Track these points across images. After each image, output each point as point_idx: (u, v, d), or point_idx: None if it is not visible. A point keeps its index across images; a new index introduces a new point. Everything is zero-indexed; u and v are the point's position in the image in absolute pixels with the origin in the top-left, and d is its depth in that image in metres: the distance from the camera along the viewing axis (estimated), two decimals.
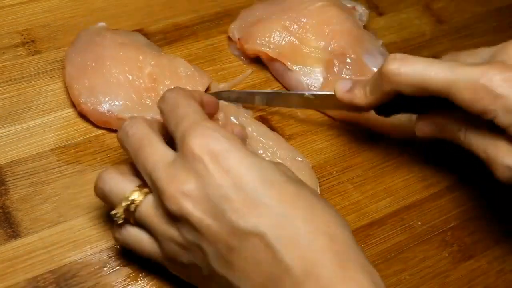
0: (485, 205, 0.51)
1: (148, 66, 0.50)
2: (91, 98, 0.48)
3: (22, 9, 0.57)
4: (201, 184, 0.34)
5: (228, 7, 0.61)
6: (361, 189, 0.50)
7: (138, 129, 0.39)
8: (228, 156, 0.35)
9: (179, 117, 0.38)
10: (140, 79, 0.50)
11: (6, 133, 0.48)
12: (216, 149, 0.35)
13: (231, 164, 0.35)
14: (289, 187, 0.35)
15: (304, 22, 0.55)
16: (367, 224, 0.48)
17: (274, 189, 0.35)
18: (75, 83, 0.49)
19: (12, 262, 0.42)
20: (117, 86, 0.49)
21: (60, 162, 0.47)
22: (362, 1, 0.64)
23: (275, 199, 0.34)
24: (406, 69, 0.41)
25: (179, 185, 0.35)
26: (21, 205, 0.44)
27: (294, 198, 0.35)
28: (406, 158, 0.53)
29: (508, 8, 0.68)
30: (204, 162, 0.34)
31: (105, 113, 0.48)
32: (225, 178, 0.34)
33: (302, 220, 0.34)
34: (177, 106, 0.39)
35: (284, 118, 0.54)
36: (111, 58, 0.50)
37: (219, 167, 0.34)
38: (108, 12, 0.58)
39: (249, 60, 0.57)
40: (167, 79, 0.51)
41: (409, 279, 0.46)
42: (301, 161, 0.48)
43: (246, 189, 0.34)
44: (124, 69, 0.50)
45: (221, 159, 0.35)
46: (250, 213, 0.34)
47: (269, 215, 0.34)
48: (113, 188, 0.39)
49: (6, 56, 0.53)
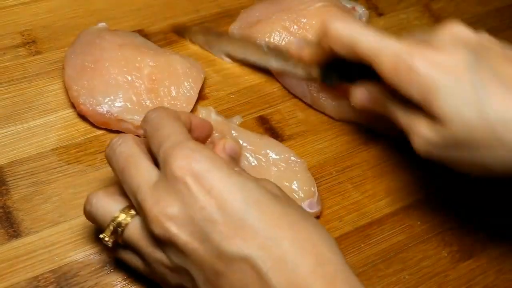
0: (484, 205, 0.51)
1: (147, 66, 0.51)
2: (90, 99, 0.49)
3: (23, 9, 0.57)
4: (185, 206, 0.34)
5: (228, 8, 0.61)
6: (360, 189, 0.50)
7: (125, 147, 0.38)
8: (211, 177, 0.34)
9: (162, 138, 0.37)
10: (139, 80, 0.50)
11: (7, 133, 0.48)
12: (198, 170, 0.34)
13: (213, 185, 0.34)
14: (274, 207, 0.34)
15: (304, 23, 0.55)
16: (367, 224, 0.48)
17: (259, 209, 0.34)
18: (74, 84, 0.49)
19: (13, 262, 0.42)
20: (116, 87, 0.49)
21: (61, 162, 0.47)
22: (362, 2, 0.64)
23: (260, 220, 0.33)
24: (342, 29, 0.41)
25: (163, 208, 0.34)
26: (22, 205, 0.45)
27: (279, 218, 0.34)
28: (405, 158, 0.53)
29: (507, 9, 0.68)
30: (187, 184, 0.34)
31: (104, 114, 0.48)
32: (208, 199, 0.34)
33: (288, 241, 0.33)
34: (159, 127, 0.38)
35: (284, 118, 0.54)
36: (110, 59, 0.50)
37: (202, 188, 0.34)
38: (108, 12, 0.58)
39: None
40: (166, 79, 0.51)
41: (409, 279, 0.46)
42: (297, 161, 0.48)
43: (230, 210, 0.33)
44: (123, 70, 0.50)
45: (203, 180, 0.34)
46: (235, 236, 0.33)
47: (254, 238, 0.33)
48: (100, 211, 0.38)
49: (7, 57, 0.53)
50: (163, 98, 0.50)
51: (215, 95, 0.54)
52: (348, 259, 0.46)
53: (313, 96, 0.54)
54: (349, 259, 0.46)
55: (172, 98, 0.50)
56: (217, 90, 0.55)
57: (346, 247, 0.47)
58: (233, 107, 0.54)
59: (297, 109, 0.54)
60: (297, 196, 0.47)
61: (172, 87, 0.51)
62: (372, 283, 0.45)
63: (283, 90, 0.56)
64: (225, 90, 0.55)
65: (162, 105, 0.50)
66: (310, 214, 0.43)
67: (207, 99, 0.54)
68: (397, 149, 0.53)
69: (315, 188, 0.47)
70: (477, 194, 0.51)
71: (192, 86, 0.51)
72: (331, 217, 0.48)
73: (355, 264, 0.46)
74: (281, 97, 0.55)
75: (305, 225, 0.35)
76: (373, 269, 0.46)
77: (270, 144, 0.49)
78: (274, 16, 0.56)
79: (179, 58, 0.52)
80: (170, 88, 0.50)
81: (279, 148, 0.49)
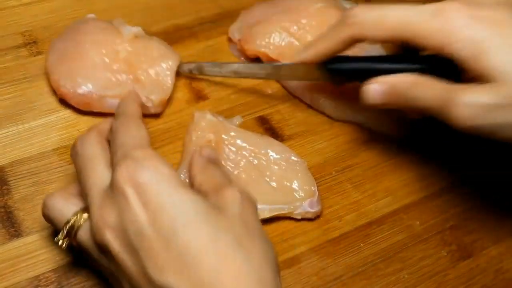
0: (483, 205, 0.51)
1: (124, 51, 0.51)
2: (70, 82, 0.49)
3: (24, 10, 0.57)
4: (121, 217, 0.33)
5: (229, 8, 0.61)
6: (360, 188, 0.50)
7: (87, 148, 0.38)
8: (150, 189, 0.33)
9: (119, 143, 0.37)
10: (116, 63, 0.50)
11: (8, 133, 0.49)
12: (140, 181, 0.33)
13: (151, 199, 0.33)
14: (207, 229, 0.32)
15: (304, 23, 0.56)
16: (366, 224, 0.48)
17: (189, 231, 0.32)
18: (55, 69, 0.50)
19: (14, 261, 0.42)
20: (95, 68, 0.49)
21: (62, 162, 0.48)
22: (361, 2, 0.64)
23: (185, 242, 0.32)
24: (368, 11, 0.42)
25: (103, 214, 0.34)
26: (23, 205, 0.45)
27: (208, 243, 0.32)
28: (405, 158, 0.53)
29: None
30: (126, 194, 0.33)
31: (85, 94, 0.48)
32: (143, 212, 0.33)
33: (207, 269, 0.31)
34: (121, 129, 0.38)
35: (284, 118, 0.54)
36: (91, 41, 0.51)
37: (140, 200, 0.33)
38: (108, 13, 0.58)
39: (249, 61, 0.57)
40: (143, 63, 0.51)
41: (408, 278, 0.46)
42: (297, 161, 0.48)
43: (160, 227, 0.32)
44: (101, 51, 0.50)
45: (144, 192, 0.33)
46: (158, 256, 0.32)
47: (176, 261, 0.31)
48: (57, 213, 0.38)
49: (8, 57, 0.53)
50: (143, 80, 0.50)
51: (215, 95, 0.54)
52: (348, 258, 0.46)
53: (312, 96, 0.54)
54: (348, 259, 0.46)
55: (152, 80, 0.51)
56: (217, 90, 0.55)
57: (345, 246, 0.47)
58: (233, 107, 0.54)
59: (297, 109, 0.55)
60: (297, 195, 0.47)
61: (150, 70, 0.51)
62: (371, 282, 0.45)
63: (283, 90, 0.56)
64: (225, 90, 0.55)
65: (141, 85, 0.50)
66: (254, 240, 0.34)
67: (207, 99, 0.54)
68: (397, 149, 0.53)
69: (315, 187, 0.47)
70: (476, 194, 0.51)
71: (169, 67, 0.52)
72: (331, 217, 0.48)
73: (354, 263, 0.46)
74: (281, 97, 0.55)
75: (233, 255, 0.32)
76: (373, 268, 0.46)
77: (270, 143, 0.49)
78: (274, 17, 0.57)
79: (155, 43, 0.53)
80: (148, 71, 0.51)
81: (280, 147, 0.49)
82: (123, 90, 0.49)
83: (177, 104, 0.53)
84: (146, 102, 0.50)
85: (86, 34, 0.51)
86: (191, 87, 0.55)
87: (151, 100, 0.50)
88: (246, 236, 0.33)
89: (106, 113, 0.50)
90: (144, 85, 0.50)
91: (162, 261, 0.32)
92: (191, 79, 0.55)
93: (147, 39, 0.53)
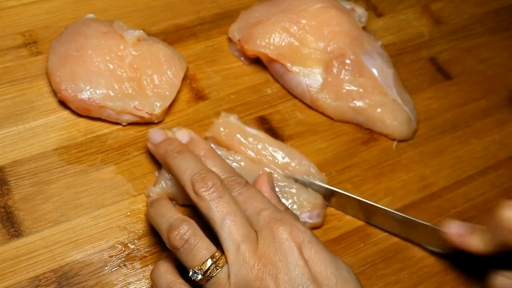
0: (482, 205, 0.51)
1: (129, 55, 0.51)
2: (72, 86, 0.49)
3: (24, 10, 0.57)
4: (286, 268, 0.36)
5: (228, 8, 0.62)
6: (360, 188, 0.50)
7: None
8: (309, 247, 0.37)
9: (257, 209, 0.39)
10: (121, 69, 0.50)
11: (8, 134, 0.48)
12: (300, 239, 0.37)
13: (311, 256, 0.37)
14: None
15: (304, 24, 0.56)
16: (366, 224, 0.48)
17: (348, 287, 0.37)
18: (56, 70, 0.50)
19: (14, 261, 0.42)
20: (98, 74, 0.49)
21: (62, 162, 0.48)
22: (361, 3, 0.64)
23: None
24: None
25: (266, 263, 0.36)
26: (23, 205, 0.45)
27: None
28: (404, 158, 0.53)
29: (505, 10, 0.68)
30: (291, 249, 0.36)
31: (85, 100, 0.49)
32: (306, 267, 0.36)
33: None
34: (253, 197, 0.40)
35: (284, 118, 0.54)
36: (93, 47, 0.51)
37: (301, 256, 0.36)
38: (109, 13, 0.59)
39: (249, 61, 0.57)
40: (149, 68, 0.51)
41: (408, 278, 0.46)
42: (308, 164, 0.49)
43: (322, 283, 0.36)
44: (105, 58, 0.50)
45: (303, 249, 0.37)
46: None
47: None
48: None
49: (9, 57, 0.53)
50: (146, 86, 0.50)
51: (216, 95, 0.54)
52: (348, 258, 0.46)
53: (312, 96, 0.54)
54: (348, 259, 0.46)
55: (155, 86, 0.51)
56: (217, 90, 0.55)
57: (345, 246, 0.47)
58: (233, 107, 0.54)
59: (297, 110, 0.55)
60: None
61: (155, 75, 0.51)
62: (371, 282, 0.45)
63: (283, 90, 0.56)
64: (225, 90, 0.55)
65: (143, 92, 0.50)
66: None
67: (208, 99, 0.54)
68: (396, 149, 0.53)
69: (320, 200, 0.47)
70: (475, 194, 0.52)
71: (175, 74, 0.52)
72: (331, 217, 0.48)
73: (354, 263, 0.46)
74: (281, 97, 0.56)
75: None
76: (373, 268, 0.46)
77: (290, 152, 0.49)
78: (274, 17, 0.57)
79: (161, 47, 0.52)
80: (153, 76, 0.51)
81: (300, 157, 0.49)
82: (124, 105, 0.49)
83: (177, 104, 0.53)
84: (150, 118, 0.50)
85: (87, 38, 0.51)
86: (191, 87, 0.55)
87: (155, 115, 0.50)
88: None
89: (102, 118, 0.50)
90: (147, 95, 0.50)
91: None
92: (191, 79, 0.55)
93: (150, 41, 0.53)
